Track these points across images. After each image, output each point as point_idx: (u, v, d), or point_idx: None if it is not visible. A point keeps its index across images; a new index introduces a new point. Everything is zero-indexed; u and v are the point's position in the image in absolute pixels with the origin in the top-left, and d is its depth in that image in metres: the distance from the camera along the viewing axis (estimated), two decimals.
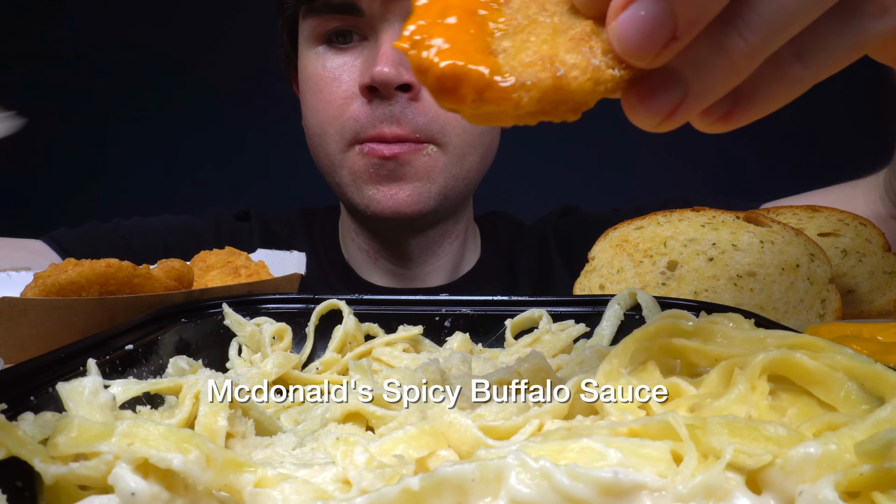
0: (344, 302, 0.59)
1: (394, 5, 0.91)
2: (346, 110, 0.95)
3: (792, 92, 0.32)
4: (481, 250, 1.19)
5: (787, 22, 0.29)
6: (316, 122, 0.99)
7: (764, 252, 0.72)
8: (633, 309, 0.57)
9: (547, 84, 0.27)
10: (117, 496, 0.28)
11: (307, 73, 0.99)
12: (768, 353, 0.35)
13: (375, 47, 0.92)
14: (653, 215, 0.78)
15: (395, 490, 0.27)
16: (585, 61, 0.27)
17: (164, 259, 0.66)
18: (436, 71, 0.27)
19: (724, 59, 0.29)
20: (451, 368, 0.47)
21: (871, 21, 0.31)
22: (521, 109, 0.27)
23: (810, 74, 0.32)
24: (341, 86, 0.95)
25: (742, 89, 0.31)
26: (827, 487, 0.26)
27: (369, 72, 0.90)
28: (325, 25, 0.96)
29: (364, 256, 1.11)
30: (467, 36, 0.27)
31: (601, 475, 0.27)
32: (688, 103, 0.30)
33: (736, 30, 0.29)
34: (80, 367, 0.43)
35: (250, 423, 0.41)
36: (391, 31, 0.92)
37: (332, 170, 1.00)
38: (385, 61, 0.89)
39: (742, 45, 0.29)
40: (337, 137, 0.96)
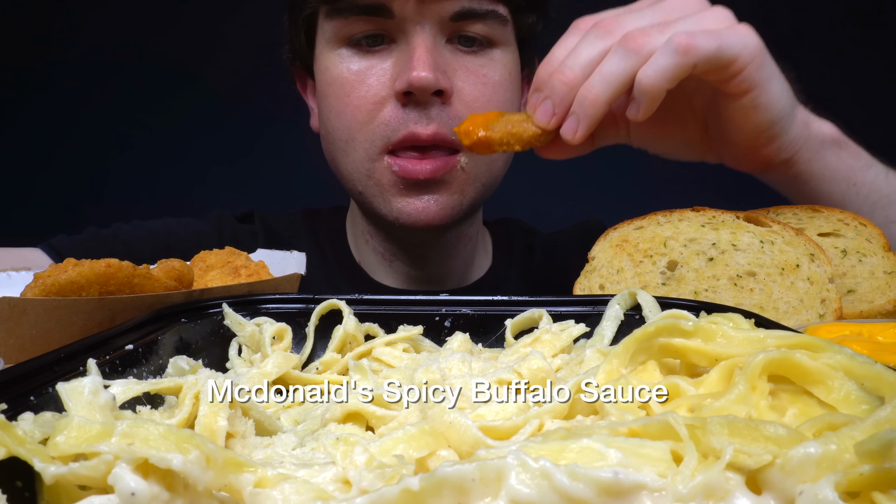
0: (344, 302, 0.59)
1: (427, 8, 0.88)
2: (376, 115, 0.92)
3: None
4: (493, 258, 1.18)
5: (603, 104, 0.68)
6: (342, 128, 0.95)
7: (764, 252, 0.72)
8: (633, 309, 0.57)
9: (518, 136, 0.73)
10: (117, 496, 0.28)
11: (330, 76, 0.96)
12: (768, 353, 0.35)
13: (408, 51, 0.90)
14: (653, 215, 0.78)
15: (395, 490, 0.27)
16: (529, 129, 0.73)
17: (164, 259, 0.66)
18: (475, 137, 0.73)
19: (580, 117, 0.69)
20: (451, 368, 0.47)
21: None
22: (507, 147, 0.73)
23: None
24: (370, 90, 0.92)
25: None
26: (827, 487, 0.26)
27: (405, 76, 0.88)
28: (352, 27, 0.93)
29: (378, 258, 1.09)
30: (486, 126, 0.73)
31: (601, 475, 0.27)
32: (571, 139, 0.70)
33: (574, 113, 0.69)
34: (80, 367, 0.43)
35: (250, 423, 0.41)
36: (424, 33, 0.89)
37: (357, 178, 0.97)
38: (423, 66, 0.87)
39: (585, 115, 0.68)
40: (366, 144, 0.93)
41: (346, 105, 0.94)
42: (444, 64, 0.91)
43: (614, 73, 0.66)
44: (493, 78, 0.95)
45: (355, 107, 0.93)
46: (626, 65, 0.66)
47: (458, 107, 0.92)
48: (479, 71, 0.94)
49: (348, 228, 1.17)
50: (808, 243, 0.71)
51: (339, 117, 0.95)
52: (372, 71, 0.93)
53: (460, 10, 0.90)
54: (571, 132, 0.69)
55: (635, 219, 0.78)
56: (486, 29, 0.93)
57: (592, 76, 0.67)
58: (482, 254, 1.17)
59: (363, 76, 0.93)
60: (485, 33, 0.94)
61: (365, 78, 0.93)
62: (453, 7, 0.90)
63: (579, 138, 0.68)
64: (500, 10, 0.94)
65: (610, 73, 0.66)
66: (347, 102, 0.94)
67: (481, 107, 0.93)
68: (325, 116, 0.98)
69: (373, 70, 0.93)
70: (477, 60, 0.94)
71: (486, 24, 0.93)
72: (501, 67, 0.96)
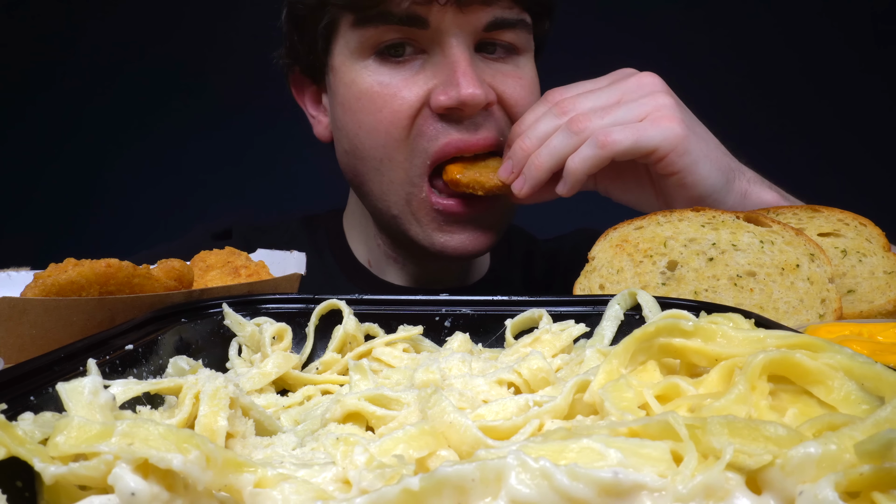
0: (344, 302, 0.59)
1: (463, 18, 0.86)
2: (413, 129, 0.90)
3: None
4: (490, 259, 1.18)
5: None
6: (376, 146, 0.92)
7: (764, 252, 0.72)
8: (633, 309, 0.57)
9: (482, 184, 0.89)
10: (117, 496, 0.28)
11: (358, 90, 0.92)
12: (768, 353, 0.35)
13: (447, 64, 0.88)
14: (653, 215, 0.78)
15: (395, 490, 0.27)
16: (493, 180, 0.89)
17: (164, 259, 0.66)
18: (449, 176, 0.90)
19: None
20: (451, 368, 0.47)
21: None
22: (472, 191, 0.90)
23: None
24: (405, 103, 0.89)
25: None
26: (827, 487, 0.26)
27: (454, 93, 0.86)
28: (381, 37, 0.89)
29: (390, 261, 1.09)
30: (461, 170, 0.90)
31: (601, 475, 0.27)
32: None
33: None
34: (80, 367, 0.43)
35: (250, 423, 0.41)
36: (460, 45, 0.87)
37: (393, 201, 0.94)
38: (470, 81, 0.85)
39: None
40: (406, 165, 0.91)
41: (379, 121, 0.90)
42: (481, 74, 0.90)
43: (556, 149, 0.83)
44: (528, 80, 0.96)
45: (389, 122, 0.90)
46: (566, 143, 0.83)
47: (500, 111, 0.92)
48: (510, 76, 0.94)
49: (351, 231, 1.16)
50: (808, 243, 0.71)
51: (371, 134, 0.92)
52: (405, 84, 0.90)
53: (494, 20, 0.89)
54: (518, 188, 0.87)
55: (635, 219, 0.78)
56: (513, 37, 0.93)
57: (541, 148, 0.84)
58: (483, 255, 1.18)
59: (396, 89, 0.90)
60: (512, 41, 0.94)
61: (398, 91, 0.90)
62: (488, 17, 0.89)
63: (525, 194, 0.86)
64: (527, 18, 0.94)
65: (554, 148, 0.83)
66: (381, 118, 0.90)
67: (523, 109, 0.93)
68: (353, 132, 0.94)
69: (405, 83, 0.90)
70: (505, 67, 0.94)
71: (514, 33, 0.93)
72: (529, 71, 0.97)
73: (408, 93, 0.89)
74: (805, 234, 0.73)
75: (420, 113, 0.90)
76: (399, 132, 0.90)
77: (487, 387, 0.44)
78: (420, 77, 0.90)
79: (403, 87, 0.90)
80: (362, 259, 1.13)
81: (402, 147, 0.90)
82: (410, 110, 0.89)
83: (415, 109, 0.90)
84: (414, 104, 0.89)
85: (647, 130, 0.80)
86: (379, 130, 0.91)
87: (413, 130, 0.90)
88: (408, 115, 0.89)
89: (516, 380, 0.45)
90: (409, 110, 0.89)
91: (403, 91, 0.89)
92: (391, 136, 0.90)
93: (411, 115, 0.90)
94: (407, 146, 0.90)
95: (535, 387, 0.45)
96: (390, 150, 0.91)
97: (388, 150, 0.91)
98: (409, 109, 0.89)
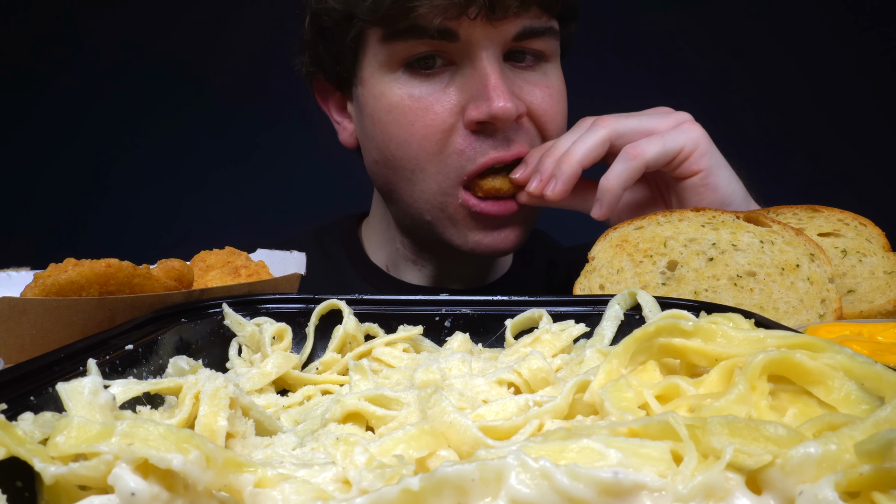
0: (344, 302, 0.59)
1: (493, 30, 0.86)
2: (446, 145, 0.90)
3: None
4: (512, 260, 1.18)
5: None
6: (408, 157, 0.92)
7: (764, 252, 0.72)
8: (633, 309, 0.57)
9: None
10: (117, 496, 0.28)
11: (388, 102, 0.91)
12: (768, 353, 0.35)
13: (475, 76, 0.88)
14: (653, 215, 0.78)
15: (395, 490, 0.27)
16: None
17: (164, 259, 0.66)
18: (505, 191, 0.92)
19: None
20: (451, 368, 0.47)
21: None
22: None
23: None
24: (437, 117, 0.89)
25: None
26: (827, 487, 0.26)
27: (485, 107, 0.86)
28: (411, 50, 0.88)
29: (409, 264, 1.09)
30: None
31: (601, 475, 0.27)
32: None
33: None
34: (80, 367, 0.43)
35: (250, 423, 0.41)
36: (490, 57, 0.87)
37: (426, 209, 0.95)
38: (501, 95, 0.85)
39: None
40: (439, 177, 0.91)
41: (411, 135, 0.90)
42: (511, 86, 0.90)
43: (583, 141, 0.86)
44: (556, 88, 0.96)
45: (422, 136, 0.90)
46: (591, 136, 0.86)
47: (532, 122, 0.92)
48: (539, 84, 0.94)
49: (370, 237, 1.15)
50: (808, 243, 0.71)
51: (402, 147, 0.92)
52: (436, 97, 0.90)
53: (524, 30, 0.89)
54: (551, 189, 0.87)
55: (635, 219, 0.78)
56: (542, 45, 0.93)
57: (569, 147, 0.87)
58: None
59: (427, 103, 0.90)
60: (540, 48, 0.93)
61: (430, 105, 0.89)
62: (517, 27, 0.88)
63: (559, 192, 0.86)
64: (555, 25, 0.93)
65: (579, 142, 0.86)
66: (413, 132, 0.90)
67: (552, 117, 0.93)
68: (384, 143, 0.94)
69: (436, 97, 0.90)
70: (534, 75, 0.94)
71: (542, 41, 0.92)
72: (556, 79, 0.97)
73: (440, 108, 0.89)
74: (805, 234, 0.73)
75: (453, 128, 0.89)
76: (432, 146, 0.90)
77: (487, 387, 0.44)
78: (451, 90, 0.90)
79: (435, 101, 0.89)
80: (380, 263, 1.12)
81: (435, 160, 0.91)
82: (444, 125, 0.89)
83: (448, 124, 0.89)
84: (447, 119, 0.89)
85: (671, 134, 0.83)
86: (411, 144, 0.91)
87: (447, 145, 0.90)
88: (441, 130, 0.89)
89: (516, 380, 0.45)
90: (442, 125, 0.89)
91: (436, 106, 0.89)
92: (423, 150, 0.90)
93: (444, 129, 0.89)
94: (440, 160, 0.90)
95: (535, 387, 0.45)
96: (423, 163, 0.91)
97: (421, 161, 0.91)
98: (441, 124, 0.89)
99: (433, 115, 0.89)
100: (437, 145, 0.90)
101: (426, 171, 0.91)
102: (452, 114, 0.89)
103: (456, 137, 0.89)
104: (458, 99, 0.89)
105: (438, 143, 0.90)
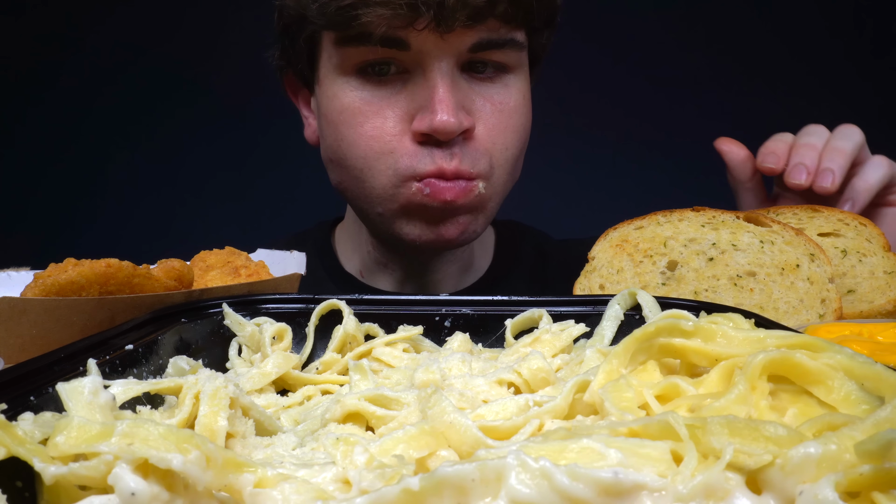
0: (344, 302, 0.59)
1: (446, 42, 0.85)
2: (396, 147, 0.89)
3: None
4: (493, 257, 1.17)
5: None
6: (357, 157, 0.92)
7: (764, 252, 0.72)
8: (633, 309, 0.57)
9: None
10: (117, 496, 0.28)
11: (340, 104, 0.92)
12: (768, 353, 0.35)
13: (425, 87, 0.87)
14: (653, 215, 0.78)
15: (395, 490, 0.27)
16: None
17: (164, 259, 0.66)
18: None
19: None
20: (451, 368, 0.47)
21: None
22: None
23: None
24: (387, 121, 0.89)
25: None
26: (827, 487, 0.26)
27: (427, 120, 0.85)
28: (362, 56, 0.89)
29: (381, 268, 1.08)
30: None
31: (601, 475, 0.27)
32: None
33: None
34: (80, 367, 0.43)
35: (250, 423, 0.41)
36: (441, 69, 0.86)
37: (377, 202, 0.94)
38: (445, 108, 0.84)
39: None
40: (388, 172, 0.90)
41: (359, 136, 0.91)
42: (462, 99, 0.88)
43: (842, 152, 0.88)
44: (509, 104, 0.93)
45: (370, 137, 0.90)
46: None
47: (477, 140, 0.90)
48: (493, 98, 0.92)
49: (343, 243, 1.15)
50: (808, 243, 0.71)
51: (351, 147, 0.92)
52: (386, 103, 0.90)
53: (479, 42, 0.87)
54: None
55: (635, 219, 0.79)
56: (503, 56, 0.91)
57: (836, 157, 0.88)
58: (480, 255, 1.16)
59: (377, 108, 0.90)
60: (501, 60, 0.91)
61: (379, 110, 0.89)
62: (472, 39, 0.87)
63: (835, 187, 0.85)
64: (518, 36, 0.91)
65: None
66: (361, 133, 0.90)
67: (500, 133, 0.91)
68: (336, 144, 0.95)
69: (387, 102, 0.90)
70: (492, 88, 0.92)
71: (503, 53, 0.91)
72: (516, 92, 0.94)
73: (389, 112, 0.89)
74: (805, 234, 0.73)
75: (403, 133, 0.89)
76: (381, 147, 0.90)
77: (487, 387, 0.44)
78: (401, 97, 0.89)
79: (385, 106, 0.89)
80: (353, 271, 1.12)
81: (386, 159, 0.90)
82: (392, 130, 0.89)
83: (397, 130, 0.89)
84: (395, 125, 0.89)
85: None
86: (359, 145, 0.91)
87: (398, 148, 0.89)
88: (390, 134, 0.89)
89: (516, 380, 0.45)
90: (392, 130, 0.89)
91: (386, 110, 0.89)
92: (372, 150, 0.90)
93: (394, 133, 0.89)
94: (393, 158, 0.90)
95: (535, 387, 0.45)
96: (371, 161, 0.91)
97: (370, 161, 0.91)
98: (391, 129, 0.89)
99: (382, 118, 0.89)
100: (387, 146, 0.90)
101: (375, 168, 0.91)
102: (401, 120, 0.89)
103: (405, 141, 0.89)
104: (408, 107, 0.89)
105: (388, 144, 0.89)
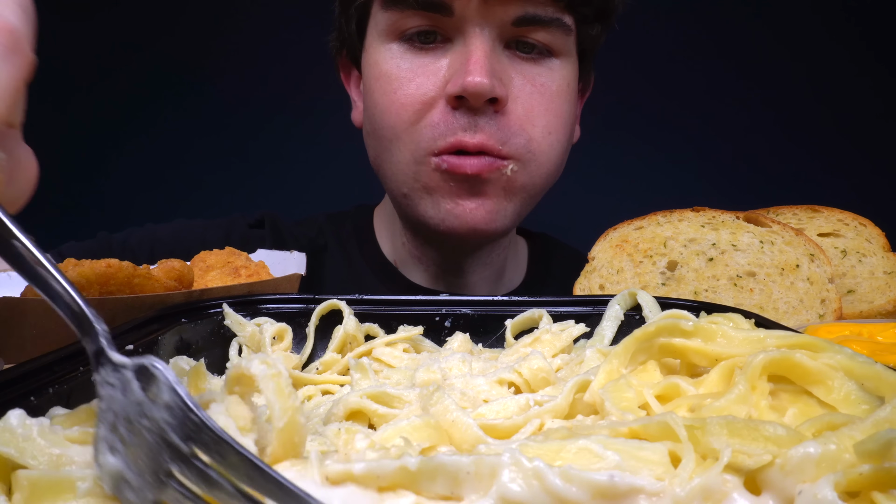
0: (344, 302, 0.59)
1: (489, 9, 0.84)
2: (423, 116, 0.88)
3: None
4: (527, 272, 1.14)
5: None
6: (387, 126, 0.91)
7: (764, 252, 0.72)
8: (633, 309, 0.57)
9: None
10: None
11: (379, 71, 0.92)
12: (768, 353, 0.35)
13: (464, 52, 0.86)
14: (653, 215, 0.78)
15: (393, 464, 0.27)
16: None
17: (164, 259, 0.66)
18: None
19: None
20: (451, 368, 0.47)
21: None
22: None
23: None
24: (419, 89, 0.88)
25: None
26: (826, 487, 0.26)
27: (460, 80, 0.84)
28: (407, 22, 0.88)
29: (415, 261, 1.06)
30: None
31: (596, 478, 0.27)
32: None
33: None
34: (80, 368, 0.43)
35: None
36: (482, 36, 0.85)
37: (402, 180, 0.93)
38: (479, 70, 0.83)
39: None
40: (412, 146, 0.89)
41: (391, 102, 0.90)
42: (500, 70, 0.87)
43: None
44: (551, 88, 0.91)
45: (401, 105, 0.89)
46: None
47: (511, 116, 0.88)
48: (536, 79, 0.90)
49: (380, 227, 1.13)
50: (808, 243, 0.71)
51: (383, 115, 0.91)
52: (424, 70, 0.89)
53: (524, 15, 0.86)
54: None
55: (635, 219, 0.79)
56: (548, 37, 0.90)
57: None
58: (513, 265, 1.13)
59: (414, 74, 0.89)
60: (546, 41, 0.90)
61: (415, 76, 0.89)
62: (517, 11, 0.86)
63: None
64: (566, 19, 0.90)
65: None
66: (394, 100, 0.90)
67: (540, 114, 0.89)
68: (371, 113, 0.94)
69: (425, 69, 0.89)
70: (535, 69, 0.91)
71: (548, 32, 0.89)
72: (560, 78, 0.92)
73: (423, 79, 0.88)
74: (805, 234, 0.73)
75: (433, 101, 0.88)
76: (409, 116, 0.89)
77: (488, 386, 0.44)
78: (440, 64, 0.88)
79: (421, 73, 0.89)
80: (389, 257, 1.10)
81: (410, 130, 0.89)
82: (424, 97, 0.88)
83: (428, 97, 0.88)
84: (427, 91, 0.88)
85: None
86: (391, 112, 0.90)
87: (423, 118, 0.88)
88: (421, 101, 0.88)
89: (517, 379, 0.45)
90: (423, 97, 0.88)
91: (420, 77, 0.89)
92: (401, 119, 0.89)
93: (424, 101, 0.88)
94: (415, 130, 0.89)
95: (536, 386, 0.45)
96: (399, 132, 0.90)
97: (397, 131, 0.90)
98: (422, 96, 0.88)
99: (416, 85, 0.89)
100: (415, 115, 0.89)
101: (401, 140, 0.90)
102: (435, 87, 0.88)
103: (434, 111, 0.88)
104: (445, 74, 0.88)
105: (416, 113, 0.88)
